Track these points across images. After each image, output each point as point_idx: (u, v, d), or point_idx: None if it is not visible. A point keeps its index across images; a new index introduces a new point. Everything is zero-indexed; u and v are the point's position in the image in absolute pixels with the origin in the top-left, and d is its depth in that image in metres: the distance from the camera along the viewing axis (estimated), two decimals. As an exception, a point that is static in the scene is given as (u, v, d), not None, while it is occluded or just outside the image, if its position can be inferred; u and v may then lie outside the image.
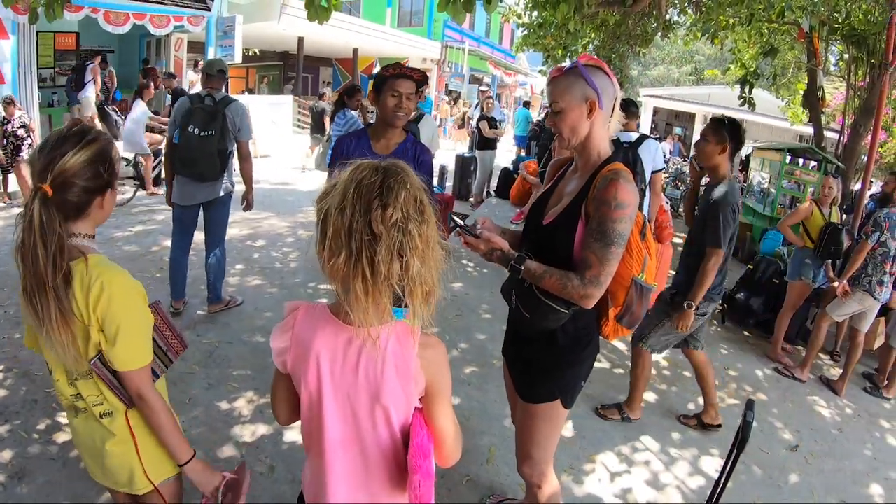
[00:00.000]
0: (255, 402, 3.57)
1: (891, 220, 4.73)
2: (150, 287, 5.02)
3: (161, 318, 1.74)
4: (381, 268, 1.18)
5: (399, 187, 1.21)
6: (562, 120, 1.97)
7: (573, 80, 1.93)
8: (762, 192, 10.11)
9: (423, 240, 1.22)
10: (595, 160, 2.00)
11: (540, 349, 2.15)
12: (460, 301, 5.60)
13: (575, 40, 9.05)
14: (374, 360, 1.29)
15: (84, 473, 2.79)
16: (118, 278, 1.53)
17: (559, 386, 2.16)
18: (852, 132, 7.53)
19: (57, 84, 11.92)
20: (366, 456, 1.38)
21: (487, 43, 26.88)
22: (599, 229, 1.84)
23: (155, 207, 7.81)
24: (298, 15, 11.80)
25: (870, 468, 3.97)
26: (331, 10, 4.42)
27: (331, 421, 1.34)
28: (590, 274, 1.84)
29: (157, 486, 1.69)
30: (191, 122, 4.24)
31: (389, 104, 2.82)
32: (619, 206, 1.83)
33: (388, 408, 1.33)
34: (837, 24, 7.60)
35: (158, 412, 1.59)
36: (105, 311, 1.49)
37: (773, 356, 5.43)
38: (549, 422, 2.22)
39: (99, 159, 1.53)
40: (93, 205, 1.56)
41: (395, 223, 1.19)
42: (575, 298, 1.88)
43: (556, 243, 1.98)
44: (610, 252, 1.84)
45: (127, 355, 1.53)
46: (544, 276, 1.89)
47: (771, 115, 17.43)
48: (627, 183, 1.86)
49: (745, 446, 2.02)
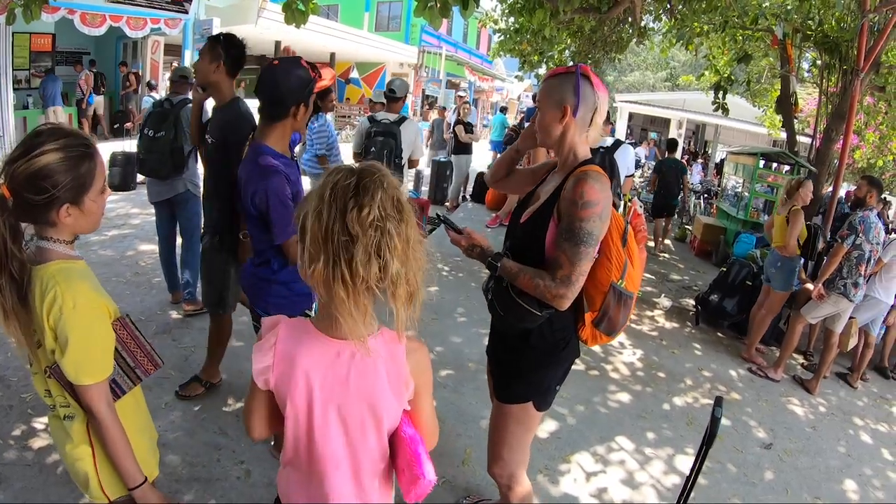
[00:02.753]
0: (231, 406, 3.54)
1: (865, 224, 4.83)
2: (126, 292, 4.97)
3: (128, 333, 1.66)
4: (359, 269, 1.17)
5: (375, 187, 1.20)
6: (539, 119, 2.05)
7: (558, 84, 1.99)
8: (736, 196, 10.25)
9: (402, 239, 1.21)
10: (571, 161, 2.02)
11: (515, 350, 2.16)
12: (436, 305, 5.60)
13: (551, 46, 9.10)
14: (366, 371, 1.29)
15: (61, 478, 2.76)
16: (73, 291, 1.48)
17: (532, 388, 2.18)
18: (825, 137, 7.65)
19: (32, 86, 11.77)
20: (356, 467, 1.37)
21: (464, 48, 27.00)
22: (568, 229, 1.86)
23: (130, 212, 7.72)
24: (276, 18, 11.76)
25: (844, 465, 4.05)
26: (308, 13, 4.42)
27: (321, 436, 1.33)
28: (560, 274, 1.86)
29: (113, 501, 1.63)
30: (147, 124, 4.54)
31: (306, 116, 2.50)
32: (585, 204, 1.84)
33: (381, 417, 1.33)
34: (810, 32, 7.74)
35: (109, 430, 1.53)
36: (56, 321, 1.45)
37: (748, 357, 5.51)
38: (521, 424, 2.23)
39: (52, 172, 1.43)
40: (49, 217, 1.49)
41: (371, 223, 1.17)
42: (548, 298, 1.89)
43: (531, 243, 2.01)
44: (580, 252, 1.85)
45: (75, 369, 1.48)
46: (518, 274, 1.92)
47: (745, 121, 17.69)
48: (596, 182, 1.87)
49: (713, 442, 2.05)
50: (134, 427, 1.66)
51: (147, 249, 6.11)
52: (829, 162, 7.72)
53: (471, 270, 6.76)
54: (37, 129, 1.50)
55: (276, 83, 2.38)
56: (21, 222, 1.47)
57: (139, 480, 1.58)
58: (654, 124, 25.72)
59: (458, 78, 26.71)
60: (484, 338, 4.90)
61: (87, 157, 1.51)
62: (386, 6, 24.39)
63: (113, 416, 1.54)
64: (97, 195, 1.55)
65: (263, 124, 2.48)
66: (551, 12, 6.64)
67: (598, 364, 4.82)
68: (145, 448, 1.75)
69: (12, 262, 1.43)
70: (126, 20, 10.35)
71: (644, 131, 26.10)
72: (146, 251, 6.07)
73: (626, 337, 5.56)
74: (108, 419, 1.53)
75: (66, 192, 1.47)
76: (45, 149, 1.43)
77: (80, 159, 1.49)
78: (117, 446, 1.54)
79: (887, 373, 5.97)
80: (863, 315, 5.30)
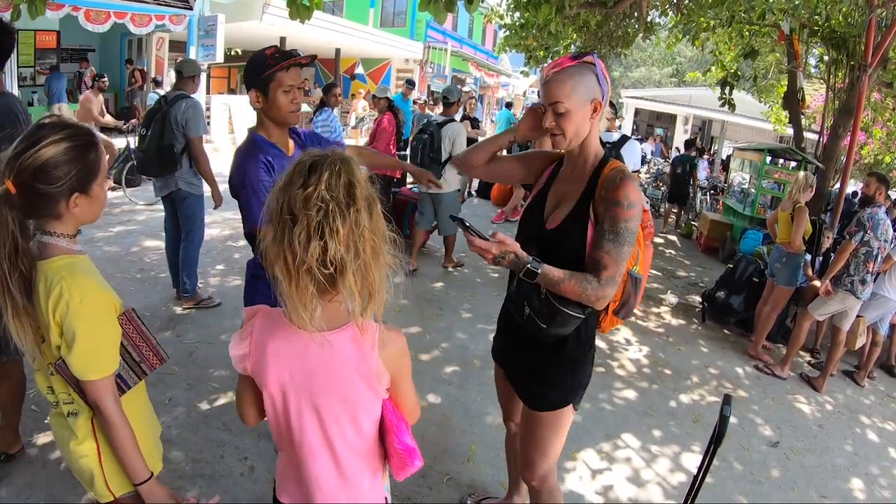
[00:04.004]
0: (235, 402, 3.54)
1: (874, 220, 4.80)
2: (130, 288, 4.97)
3: (134, 327, 1.67)
4: (297, 249, 1.16)
5: (325, 167, 1.19)
6: (567, 121, 1.86)
7: (581, 79, 1.84)
8: (742, 193, 10.20)
9: (347, 224, 1.17)
10: (593, 161, 1.96)
11: (551, 356, 2.08)
12: (441, 300, 5.60)
13: (557, 41, 9.06)
14: (334, 363, 1.29)
15: (65, 475, 2.76)
16: (80, 285, 1.48)
17: (572, 391, 2.13)
18: (832, 133, 7.58)
19: (37, 83, 11.79)
20: (335, 457, 1.37)
21: (470, 44, 26.87)
22: (612, 230, 1.81)
23: (136, 208, 7.74)
24: (281, 14, 11.73)
25: (850, 463, 4.02)
26: (313, 8, 4.41)
27: (298, 426, 1.34)
28: (605, 274, 1.81)
29: (118, 498, 1.63)
30: (142, 123, 4.63)
31: (283, 103, 2.35)
32: (630, 205, 1.81)
33: (356, 410, 1.33)
34: (817, 27, 7.67)
35: (116, 426, 1.52)
36: (63, 317, 1.45)
37: (754, 354, 5.48)
38: (558, 428, 2.18)
39: (65, 160, 1.45)
40: (58, 208, 1.49)
41: (312, 202, 1.15)
42: (592, 301, 1.83)
43: (566, 247, 1.92)
44: (623, 251, 1.82)
45: (82, 364, 1.47)
46: (562, 280, 1.80)
47: (751, 117, 17.60)
48: (634, 182, 1.85)
49: (721, 441, 2.03)
50: (138, 422, 1.65)
51: (152, 245, 6.11)
52: (836, 158, 7.65)
53: (476, 266, 6.75)
54: (39, 123, 1.49)
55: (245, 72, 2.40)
56: (28, 218, 1.47)
57: (145, 476, 1.57)
58: (661, 120, 25.65)
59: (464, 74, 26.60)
60: (489, 334, 4.90)
61: (92, 144, 1.53)
62: (391, 1, 24.28)
63: (119, 411, 1.53)
64: (102, 182, 1.58)
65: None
66: (557, 7, 6.61)
67: (604, 361, 4.80)
68: (150, 443, 1.74)
69: (22, 259, 1.43)
70: (130, 17, 10.35)
71: (650, 127, 26.02)
72: (151, 247, 6.07)
73: (632, 333, 5.55)
74: (115, 414, 1.52)
75: (76, 180, 1.48)
76: (51, 139, 1.44)
77: (85, 147, 1.50)
78: (123, 442, 1.53)
79: (895, 371, 5.93)
80: (871, 313, 5.26)
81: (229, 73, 23.62)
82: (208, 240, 4.77)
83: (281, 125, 2.44)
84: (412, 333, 4.77)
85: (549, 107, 1.88)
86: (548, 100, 1.88)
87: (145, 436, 1.70)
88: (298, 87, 2.38)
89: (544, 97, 1.90)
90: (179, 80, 4.70)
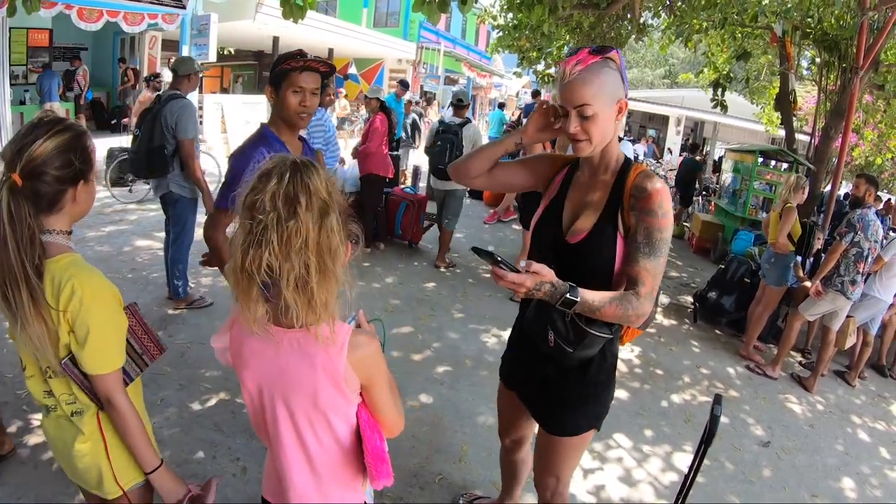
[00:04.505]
0: (228, 402, 3.53)
1: (864, 221, 4.83)
2: (123, 288, 4.84)
3: (137, 320, 1.70)
4: (237, 252, 1.20)
5: (272, 175, 1.19)
6: (594, 125, 1.68)
7: (607, 77, 1.66)
8: (734, 194, 10.24)
9: (280, 235, 1.17)
10: (615, 166, 1.82)
11: (574, 381, 1.94)
12: (433, 300, 5.59)
13: (549, 42, 9.10)
14: (302, 366, 1.29)
15: (56, 475, 2.74)
16: (91, 281, 1.49)
17: (597, 414, 2.01)
18: (823, 135, 7.63)
19: (29, 81, 11.72)
20: (310, 459, 1.37)
21: (463, 44, 26.90)
22: (647, 241, 1.69)
23: (128, 207, 7.70)
24: (274, 14, 11.71)
25: (841, 463, 4.04)
26: (306, 8, 4.39)
27: (272, 425, 1.36)
28: (644, 291, 1.67)
29: (127, 491, 1.64)
30: (136, 123, 4.57)
31: (291, 102, 2.40)
32: (664, 214, 1.70)
33: (327, 413, 1.33)
34: (810, 29, 7.71)
35: (127, 418, 1.54)
36: (76, 314, 1.46)
37: (745, 354, 5.51)
38: (577, 451, 2.09)
39: (70, 148, 1.48)
40: (65, 197, 1.51)
41: (254, 210, 1.18)
42: (632, 321, 1.70)
43: (591, 262, 1.78)
44: (660, 264, 1.71)
45: (97, 359, 1.49)
46: (603, 305, 1.63)
47: (744, 118, 17.66)
48: (666, 188, 1.73)
49: (712, 441, 2.04)
50: (142, 412, 1.68)
51: (143, 245, 6.09)
52: (828, 160, 7.70)
53: (468, 266, 6.75)
54: (34, 121, 1.51)
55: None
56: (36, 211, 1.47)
57: (156, 463, 1.60)
58: (653, 121, 25.69)
59: (457, 74, 26.65)
60: (481, 334, 4.94)
61: (87, 135, 1.57)
62: (384, 2, 24.27)
63: (129, 403, 1.56)
64: (94, 174, 1.62)
65: None
66: (550, 8, 6.62)
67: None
68: (150, 433, 1.76)
69: (39, 253, 1.44)
70: (123, 15, 10.30)
71: (643, 128, 26.07)
72: (142, 247, 6.05)
73: (624, 334, 5.55)
74: (127, 406, 1.54)
75: (83, 164, 1.53)
76: (54, 130, 1.47)
77: (82, 136, 1.54)
78: (135, 432, 1.56)
79: (885, 371, 5.97)
80: (861, 314, 5.29)
81: (222, 73, 23.57)
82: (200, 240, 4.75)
83: (289, 125, 2.50)
84: (404, 333, 4.77)
85: (574, 110, 1.68)
86: (572, 102, 1.67)
87: (148, 426, 1.72)
88: (312, 91, 2.42)
89: (566, 99, 1.69)
90: (174, 79, 4.56)
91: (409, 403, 3.73)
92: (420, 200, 7.06)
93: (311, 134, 6.12)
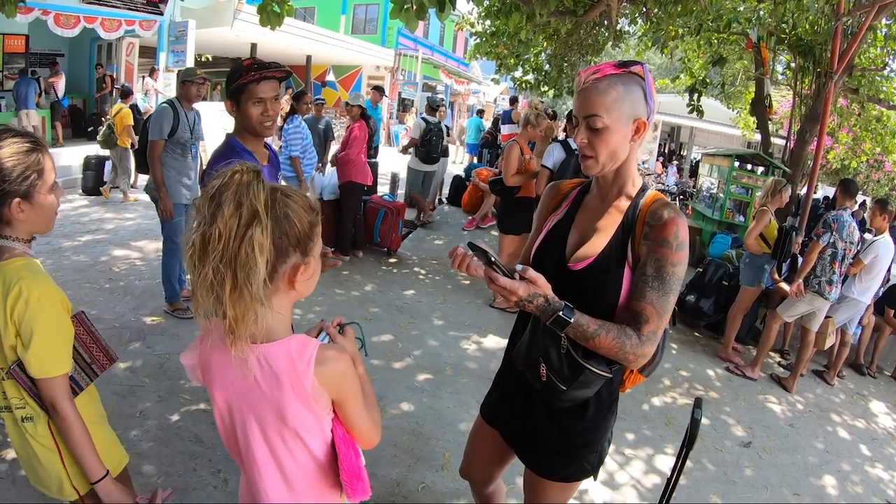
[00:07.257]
0: (208, 414, 3.49)
1: (839, 222, 4.90)
2: (99, 298, 4.87)
3: (84, 329, 1.70)
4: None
5: (217, 178, 1.17)
6: (602, 141, 1.56)
7: (626, 91, 1.53)
8: (711, 198, 10.34)
9: (199, 239, 1.15)
10: (630, 190, 1.67)
11: (568, 425, 1.76)
12: (412, 308, 5.57)
13: (527, 49, 9.17)
14: (268, 381, 1.26)
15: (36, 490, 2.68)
16: (38, 284, 1.50)
17: (592, 459, 1.80)
18: (798, 139, 7.73)
19: (5, 88, 11.55)
20: (285, 474, 1.35)
21: (441, 51, 26.96)
22: (658, 276, 1.54)
23: (104, 216, 7.61)
24: (251, 21, 11.66)
25: (822, 461, 4.09)
26: (283, 15, 4.39)
27: (244, 442, 1.34)
28: (647, 329, 1.52)
29: (83, 496, 1.65)
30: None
31: (254, 114, 2.38)
32: (679, 246, 1.54)
33: (297, 430, 1.30)
34: (784, 35, 7.82)
35: (71, 425, 1.54)
36: (21, 316, 1.47)
37: (725, 356, 5.56)
38: (569, 494, 1.91)
39: (2, 166, 1.46)
40: (3, 211, 1.50)
41: (196, 209, 1.18)
42: (629, 360, 1.53)
43: (595, 293, 1.61)
44: (669, 301, 1.55)
45: (40, 362, 1.49)
46: (598, 333, 1.47)
47: (720, 123, 17.86)
48: (683, 218, 1.57)
49: (694, 443, 2.04)
50: (91, 419, 1.67)
51: (121, 255, 6.02)
52: (803, 163, 7.81)
53: (447, 273, 6.74)
54: None
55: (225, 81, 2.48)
56: None
57: (101, 474, 1.59)
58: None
59: (435, 81, 26.69)
60: (461, 341, 4.93)
61: (35, 151, 1.54)
62: (363, 8, 24.32)
63: (75, 411, 1.55)
64: (48, 191, 1.57)
65: None
66: (527, 15, 6.65)
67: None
68: (105, 438, 1.77)
69: None
70: (100, 21, 10.22)
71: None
72: (120, 256, 5.97)
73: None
74: (71, 414, 1.54)
75: (15, 185, 1.49)
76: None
77: (28, 153, 1.52)
78: (79, 441, 1.55)
79: (863, 369, 6.06)
80: (840, 315, 5.37)
81: (200, 80, 23.36)
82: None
83: (255, 135, 2.47)
84: (384, 342, 4.74)
85: (583, 120, 1.57)
86: (582, 111, 1.56)
87: (99, 431, 1.73)
88: (272, 99, 2.40)
89: (576, 107, 1.59)
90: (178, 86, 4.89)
91: (390, 412, 3.71)
92: (398, 208, 7.04)
93: (289, 141, 6.10)
